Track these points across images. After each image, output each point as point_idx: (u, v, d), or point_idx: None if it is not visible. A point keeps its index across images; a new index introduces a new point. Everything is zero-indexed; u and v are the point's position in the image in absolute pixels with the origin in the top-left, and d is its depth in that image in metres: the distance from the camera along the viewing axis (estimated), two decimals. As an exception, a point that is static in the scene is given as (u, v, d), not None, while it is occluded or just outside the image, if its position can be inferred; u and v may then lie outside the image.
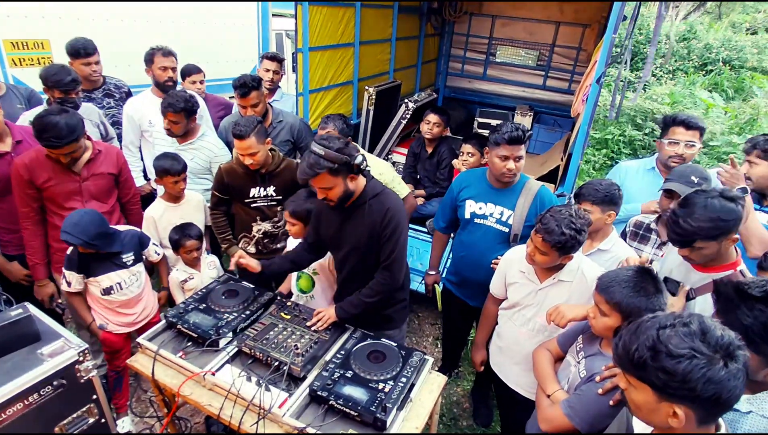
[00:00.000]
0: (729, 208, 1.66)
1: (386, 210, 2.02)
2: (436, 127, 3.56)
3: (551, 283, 2.00)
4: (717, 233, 1.67)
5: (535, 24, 5.82)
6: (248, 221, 2.82)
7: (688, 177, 2.14)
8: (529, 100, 6.12)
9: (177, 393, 1.91)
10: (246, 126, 2.44)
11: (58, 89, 2.65)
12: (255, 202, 2.74)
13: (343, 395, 1.74)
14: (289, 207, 2.42)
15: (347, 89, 4.43)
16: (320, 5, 3.62)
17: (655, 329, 1.03)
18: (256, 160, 2.52)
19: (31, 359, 1.67)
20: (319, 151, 1.87)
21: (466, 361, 3.39)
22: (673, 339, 0.99)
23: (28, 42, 3.60)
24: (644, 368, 1.02)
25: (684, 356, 0.97)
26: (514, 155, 2.27)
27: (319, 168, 1.87)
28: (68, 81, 2.66)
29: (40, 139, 2.21)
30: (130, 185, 2.78)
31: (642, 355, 1.02)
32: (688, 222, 1.68)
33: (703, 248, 1.72)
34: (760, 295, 1.25)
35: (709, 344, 0.98)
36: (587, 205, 2.15)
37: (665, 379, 0.99)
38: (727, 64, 12.09)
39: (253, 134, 2.45)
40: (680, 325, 1.01)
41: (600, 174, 7.07)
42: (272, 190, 2.73)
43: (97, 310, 2.45)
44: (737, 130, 8.00)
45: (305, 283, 2.58)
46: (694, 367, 0.96)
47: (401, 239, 2.07)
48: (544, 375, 1.82)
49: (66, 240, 2.13)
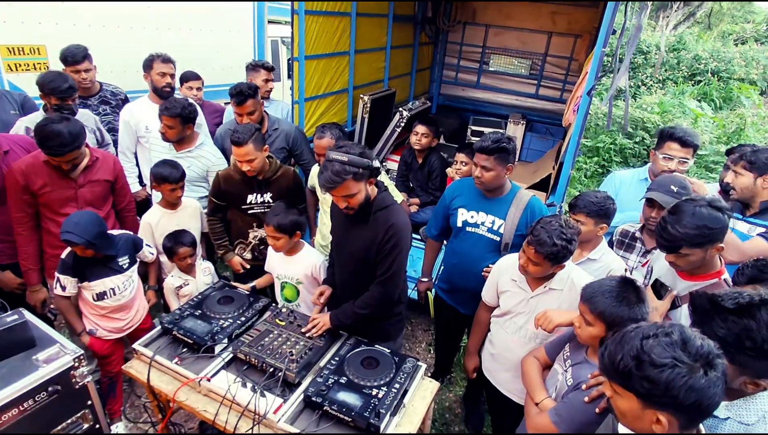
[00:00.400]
0: (715, 216, 1.71)
1: (390, 225, 2.03)
2: (424, 138, 3.59)
3: (542, 292, 2.04)
4: (703, 241, 1.72)
5: (528, 34, 5.91)
6: (245, 228, 2.84)
7: (668, 186, 2.22)
8: (522, 109, 6.20)
9: (172, 399, 1.92)
10: (244, 133, 2.48)
11: (54, 96, 2.66)
12: (252, 208, 2.77)
13: (337, 401, 1.77)
14: (273, 221, 2.38)
15: (342, 97, 4.47)
16: (316, 15, 3.67)
17: (638, 339, 1.07)
18: (253, 167, 2.55)
19: (26, 365, 1.68)
20: (341, 158, 1.88)
21: (459, 367, 3.42)
22: (655, 349, 1.04)
23: (24, 47, 3.60)
24: (629, 377, 1.06)
25: (666, 365, 1.01)
26: (480, 164, 2.32)
27: (345, 174, 1.87)
28: (65, 88, 2.67)
29: (43, 147, 2.22)
30: (126, 192, 2.79)
31: (627, 364, 1.06)
32: (676, 228, 1.73)
33: (689, 255, 1.77)
34: (733, 307, 1.29)
35: (689, 353, 1.02)
36: (581, 216, 2.20)
37: (649, 387, 1.03)
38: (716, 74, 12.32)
39: (251, 141, 2.48)
40: (662, 335, 1.06)
41: (591, 181, 7.16)
42: (269, 197, 2.75)
43: (88, 315, 2.45)
44: (725, 140, 8.15)
45: (290, 293, 2.59)
46: (676, 376, 1.00)
47: (400, 257, 2.07)
48: (533, 383, 1.86)
49: (68, 239, 2.14)
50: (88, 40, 3.40)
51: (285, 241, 2.42)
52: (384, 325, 2.32)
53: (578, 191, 6.68)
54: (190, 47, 4.89)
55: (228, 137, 3.24)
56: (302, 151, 3.35)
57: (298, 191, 2.91)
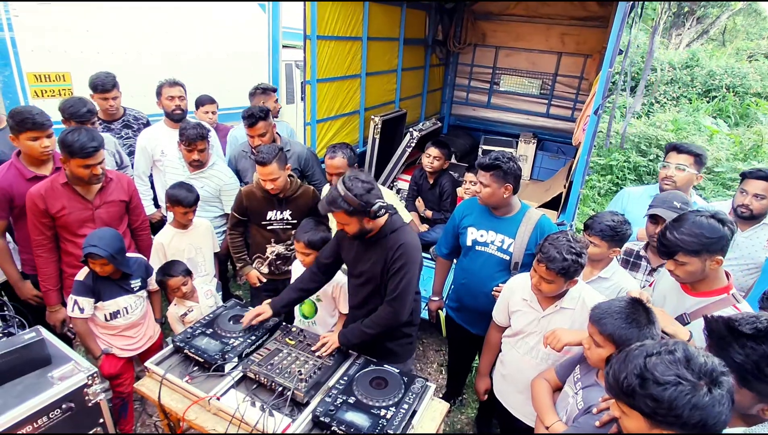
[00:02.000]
0: (715, 227, 1.71)
1: (399, 245, 2.04)
2: (437, 161, 3.60)
3: (554, 311, 2.02)
4: (699, 248, 1.72)
5: (538, 54, 5.97)
6: (263, 243, 2.92)
7: (670, 202, 2.24)
8: (533, 128, 6.23)
9: (182, 417, 1.93)
10: (268, 153, 2.58)
11: (74, 120, 2.81)
12: (271, 224, 2.85)
13: (346, 421, 1.76)
14: (304, 238, 2.44)
15: (353, 118, 4.55)
16: (328, 39, 3.77)
17: (642, 357, 1.06)
18: (276, 185, 2.65)
19: (41, 382, 1.71)
20: (340, 190, 1.93)
21: (470, 389, 3.36)
22: (659, 366, 1.03)
23: (50, 75, 3.78)
24: (633, 396, 1.05)
25: (670, 383, 1.00)
26: (479, 179, 2.39)
27: (336, 207, 1.94)
28: (84, 112, 2.84)
29: (72, 153, 2.29)
30: (140, 211, 2.86)
31: (631, 382, 1.05)
32: (674, 234, 1.76)
33: (686, 264, 1.77)
34: (751, 332, 1.25)
35: (693, 371, 1.01)
36: (596, 239, 2.19)
37: (653, 406, 1.02)
38: (731, 90, 12.20)
39: (275, 160, 2.58)
40: (666, 353, 1.05)
41: (605, 199, 7.08)
42: (288, 214, 2.83)
43: (101, 335, 2.49)
44: (742, 157, 8.02)
45: (308, 309, 2.61)
46: (679, 394, 0.99)
47: (408, 276, 2.05)
48: (543, 406, 1.83)
49: (94, 253, 2.21)
50: (111, 66, 3.56)
51: (314, 257, 2.45)
52: (392, 346, 2.31)
53: (592, 210, 6.62)
54: (209, 72, 5.06)
55: (242, 158, 3.33)
56: (314, 172, 3.41)
57: (317, 210, 2.94)
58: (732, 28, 19.68)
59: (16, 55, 3.57)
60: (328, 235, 2.50)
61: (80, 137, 2.29)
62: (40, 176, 2.51)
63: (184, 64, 4.74)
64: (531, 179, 5.95)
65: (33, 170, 2.52)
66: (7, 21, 3.48)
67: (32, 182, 2.47)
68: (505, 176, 2.32)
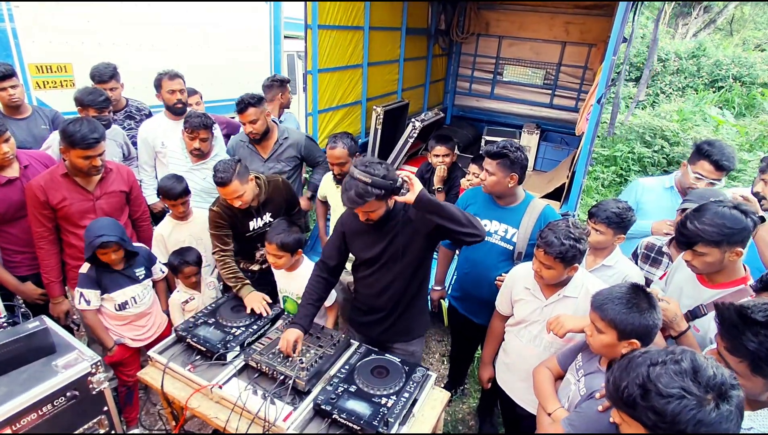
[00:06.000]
0: (737, 218, 1.68)
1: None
2: (447, 158, 3.37)
3: (557, 299, 2.01)
4: (719, 239, 1.68)
5: (542, 44, 5.91)
6: (250, 250, 2.82)
7: (706, 199, 2.11)
8: (537, 118, 6.18)
9: (185, 405, 1.95)
10: (225, 172, 2.35)
11: (93, 107, 2.86)
12: (256, 232, 2.72)
13: (347, 409, 1.77)
14: (276, 240, 2.34)
15: (355, 109, 4.53)
16: (329, 29, 3.75)
17: (645, 366, 1.00)
18: (244, 201, 2.47)
19: (45, 371, 1.73)
20: (365, 178, 1.87)
21: (473, 378, 3.37)
22: (663, 377, 0.97)
23: (51, 66, 3.77)
24: (634, 407, 1.00)
25: (674, 396, 0.94)
26: (485, 167, 2.37)
27: (369, 196, 1.88)
28: (102, 100, 2.91)
29: (73, 143, 2.28)
30: (141, 202, 2.86)
31: (632, 392, 1.00)
32: (695, 223, 1.71)
33: (705, 254, 1.73)
34: (763, 320, 1.22)
35: (699, 384, 0.94)
36: (601, 226, 2.17)
37: (655, 419, 0.96)
38: (738, 80, 12.05)
39: (235, 177, 2.37)
40: (671, 363, 0.98)
41: (609, 190, 7.05)
42: (269, 217, 2.71)
43: (111, 327, 2.51)
44: (747, 147, 7.94)
45: (292, 307, 2.59)
46: (683, 408, 0.93)
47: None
48: (545, 394, 1.83)
49: (106, 241, 2.23)
50: (113, 58, 3.54)
51: (287, 260, 2.41)
52: (407, 321, 2.28)
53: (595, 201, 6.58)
54: (211, 64, 5.05)
55: (240, 148, 3.28)
56: (315, 154, 3.38)
57: (292, 199, 2.86)
58: (740, 17, 19.38)
59: (17, 47, 3.56)
60: (302, 237, 2.44)
61: (81, 128, 2.29)
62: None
63: (185, 56, 4.73)
64: (534, 170, 5.92)
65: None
66: (8, 12, 3.47)
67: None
68: (512, 165, 2.30)
